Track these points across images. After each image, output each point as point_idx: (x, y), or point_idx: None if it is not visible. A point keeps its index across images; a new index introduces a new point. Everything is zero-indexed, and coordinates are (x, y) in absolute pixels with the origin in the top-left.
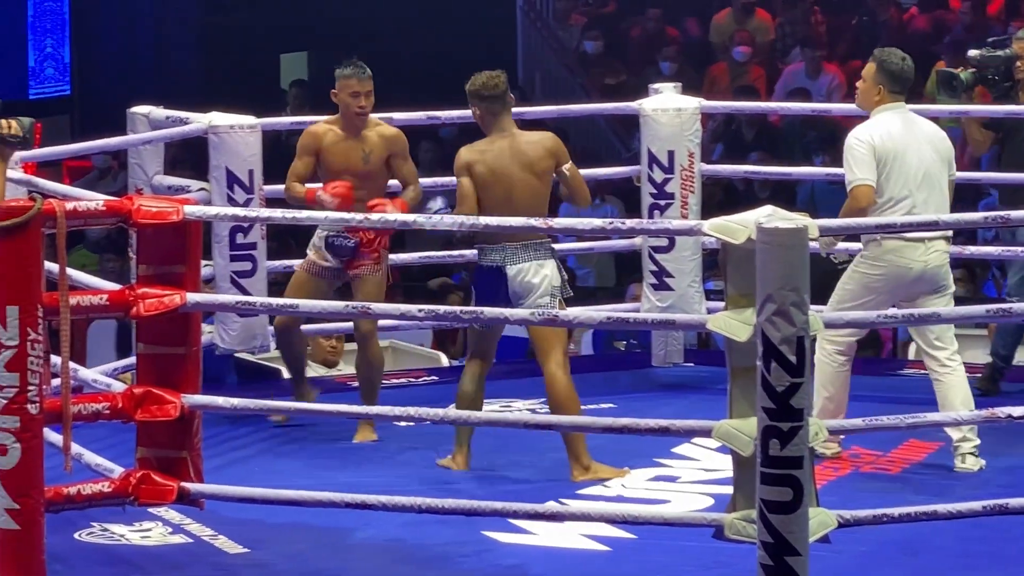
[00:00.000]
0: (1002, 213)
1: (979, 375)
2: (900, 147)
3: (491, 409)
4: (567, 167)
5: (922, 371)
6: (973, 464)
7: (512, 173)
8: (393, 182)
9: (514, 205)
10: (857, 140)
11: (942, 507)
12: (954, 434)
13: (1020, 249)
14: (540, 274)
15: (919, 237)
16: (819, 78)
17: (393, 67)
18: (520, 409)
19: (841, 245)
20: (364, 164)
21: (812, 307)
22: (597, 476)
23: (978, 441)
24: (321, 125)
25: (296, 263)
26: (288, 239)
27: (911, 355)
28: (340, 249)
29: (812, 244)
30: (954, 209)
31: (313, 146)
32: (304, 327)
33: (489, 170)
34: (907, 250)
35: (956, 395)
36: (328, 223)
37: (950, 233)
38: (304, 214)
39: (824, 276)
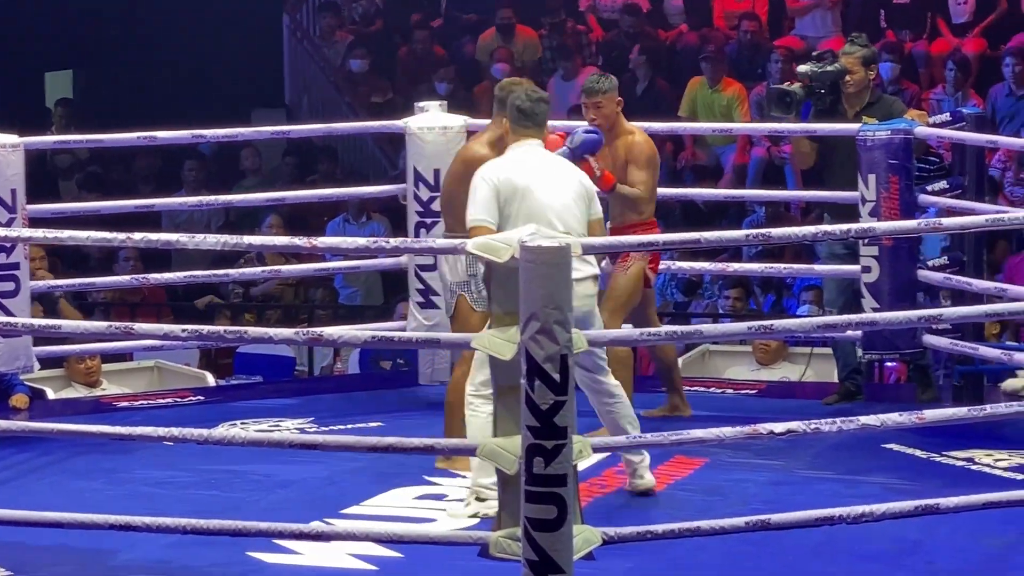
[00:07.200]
0: (764, 231)
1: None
2: (526, 183)
3: (260, 428)
4: None
5: (688, 388)
6: (651, 480)
7: None
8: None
9: None
10: (481, 179)
11: (705, 523)
12: (635, 457)
13: (783, 267)
14: None
15: None
16: (574, 81)
17: (159, 87)
18: (289, 428)
19: None
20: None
21: None
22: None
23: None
24: None
25: (62, 282)
26: (53, 259)
27: None
28: None
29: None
30: (720, 226)
31: None
32: (63, 348)
33: None
34: None
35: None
36: None
37: (597, 273)
38: (66, 234)
39: None
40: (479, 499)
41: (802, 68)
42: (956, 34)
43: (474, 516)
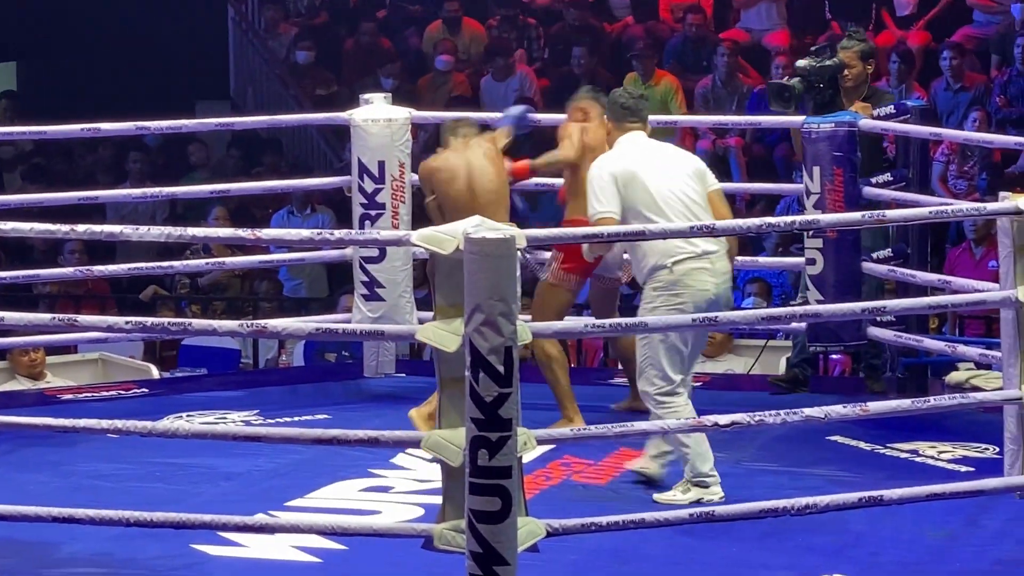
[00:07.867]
0: (707, 223)
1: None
2: (640, 168)
3: (204, 421)
4: None
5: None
6: (659, 473)
7: None
8: None
9: None
10: (597, 171)
11: (650, 515)
12: (666, 447)
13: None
14: None
15: (702, 254)
16: (508, 80)
17: (103, 78)
18: (234, 421)
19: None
20: None
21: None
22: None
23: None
24: None
25: (6, 274)
26: None
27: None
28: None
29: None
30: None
31: None
32: (6, 340)
33: None
34: (697, 273)
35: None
36: None
37: (727, 249)
38: (9, 226)
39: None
40: (701, 486)
41: (801, 63)
42: (900, 26)
43: (697, 501)
